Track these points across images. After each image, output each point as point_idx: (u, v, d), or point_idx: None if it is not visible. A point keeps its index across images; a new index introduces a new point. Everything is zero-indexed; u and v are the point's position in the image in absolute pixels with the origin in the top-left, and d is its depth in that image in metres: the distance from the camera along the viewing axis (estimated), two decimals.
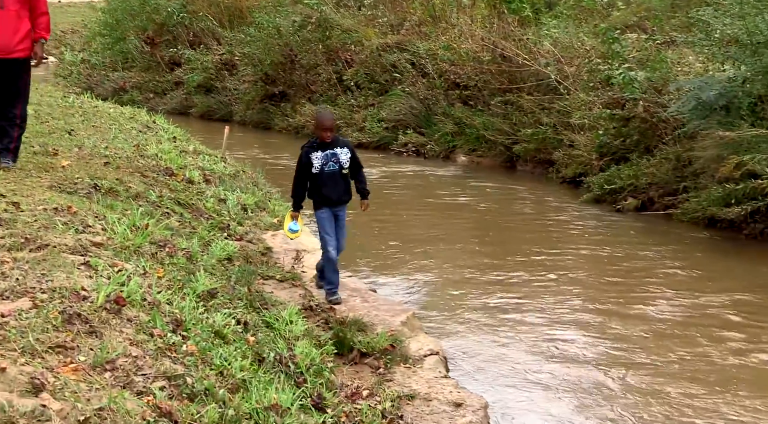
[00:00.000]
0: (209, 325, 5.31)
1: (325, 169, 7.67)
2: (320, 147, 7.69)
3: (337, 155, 7.73)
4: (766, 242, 12.28)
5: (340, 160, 7.73)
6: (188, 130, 17.53)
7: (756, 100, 12.96)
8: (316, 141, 7.75)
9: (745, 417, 6.72)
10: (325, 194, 7.75)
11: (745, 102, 12.85)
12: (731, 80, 13.10)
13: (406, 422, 5.68)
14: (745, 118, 12.73)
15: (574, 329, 8.75)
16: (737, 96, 12.94)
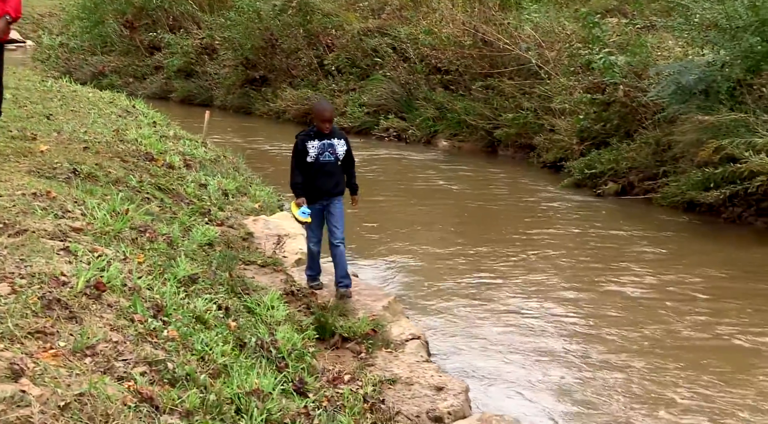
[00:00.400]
0: (190, 310, 5.30)
1: (320, 159, 7.45)
2: (317, 136, 7.48)
3: (334, 146, 7.51)
4: (745, 225, 12.40)
5: (337, 152, 7.52)
6: (168, 114, 17.44)
7: (735, 85, 13.03)
8: (313, 129, 7.55)
9: (708, 390, 6.85)
10: (317, 185, 7.51)
11: (724, 86, 12.91)
12: (710, 65, 13.17)
13: (387, 406, 5.69)
14: (724, 103, 12.80)
15: (552, 309, 8.82)
16: (716, 80, 13.00)
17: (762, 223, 12.26)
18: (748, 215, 12.52)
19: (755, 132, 11.71)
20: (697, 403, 6.64)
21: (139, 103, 17.22)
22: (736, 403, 6.63)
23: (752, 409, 6.52)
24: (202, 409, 3.93)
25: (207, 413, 3.91)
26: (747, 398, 6.69)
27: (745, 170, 11.34)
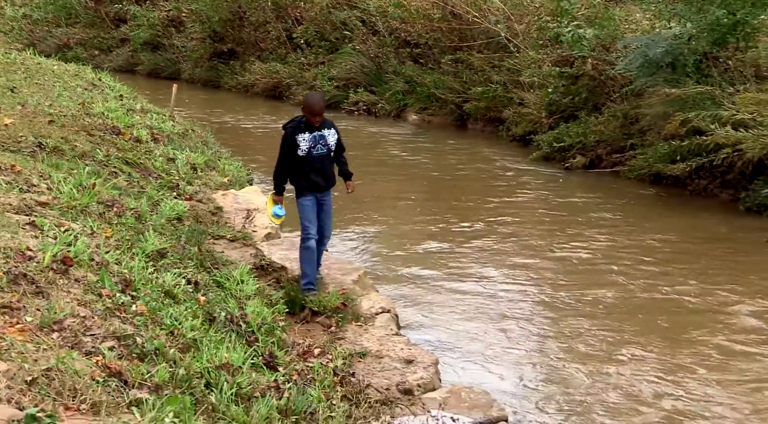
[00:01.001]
0: (159, 285, 5.27)
1: (313, 152, 6.99)
2: (308, 128, 6.99)
3: (325, 138, 7.06)
4: (710, 197, 12.55)
5: (329, 143, 7.09)
6: (135, 88, 17.26)
7: (701, 58, 13.13)
8: (302, 121, 7.01)
9: (658, 348, 7.09)
10: (312, 180, 7.09)
11: (691, 59, 13.01)
12: (677, 38, 13.25)
13: (357, 379, 5.71)
14: (691, 76, 12.90)
15: (519, 278, 8.95)
16: (683, 53, 13.09)
17: (727, 195, 12.41)
18: (713, 187, 12.68)
19: (721, 105, 11.83)
20: (648, 361, 6.86)
21: (105, 77, 17.01)
22: (682, 360, 6.87)
23: (699, 365, 6.74)
24: (172, 383, 3.92)
25: (176, 387, 3.91)
26: (694, 355, 6.94)
27: (710, 143, 11.46)
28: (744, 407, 6.07)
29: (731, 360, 6.87)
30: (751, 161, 11.31)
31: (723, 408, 6.07)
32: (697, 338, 7.30)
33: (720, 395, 6.29)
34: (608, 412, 5.99)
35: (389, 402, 5.64)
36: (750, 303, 8.17)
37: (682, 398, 6.25)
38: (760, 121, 11.04)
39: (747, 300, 8.23)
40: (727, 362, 6.83)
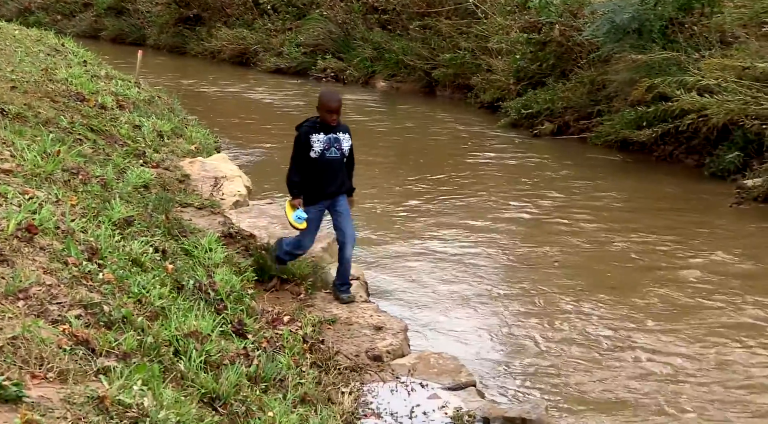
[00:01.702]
0: (126, 253, 5.23)
1: (326, 154, 6.47)
2: (323, 129, 6.50)
3: (340, 141, 6.56)
4: (675, 163, 12.68)
5: (343, 147, 6.58)
6: (99, 54, 16.98)
7: (667, 23, 13.19)
8: (317, 121, 6.53)
9: (604, 300, 7.41)
10: (322, 185, 6.55)
11: (657, 25, 13.06)
12: (643, 3, 13.27)
13: (327, 346, 5.74)
14: (657, 41, 12.96)
15: (483, 245, 9.04)
16: (649, 19, 13.13)
17: (692, 160, 12.55)
18: (678, 153, 12.80)
19: (686, 70, 11.90)
20: (594, 312, 7.18)
21: (68, 42, 16.72)
22: (623, 311, 7.19)
23: (642, 315, 6.99)
24: (140, 351, 3.91)
25: (144, 355, 3.89)
26: (635, 308, 7.25)
27: (676, 109, 11.55)
28: (701, 358, 6.23)
29: (681, 312, 7.10)
30: (715, 127, 11.42)
31: (684, 360, 6.23)
32: (641, 291, 7.59)
33: (678, 346, 6.49)
34: (573, 369, 6.08)
35: (358, 368, 5.68)
36: (703, 258, 8.50)
37: (640, 350, 6.41)
38: (725, 87, 11.13)
39: (701, 255, 8.56)
40: (678, 314, 7.08)
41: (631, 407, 5.56)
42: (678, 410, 5.53)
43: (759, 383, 5.92)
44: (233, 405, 4.02)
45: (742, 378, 6.00)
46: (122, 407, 3.13)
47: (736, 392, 5.80)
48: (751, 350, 6.45)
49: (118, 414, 3.07)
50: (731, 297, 7.47)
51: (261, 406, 4.21)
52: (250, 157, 13.33)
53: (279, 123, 16.76)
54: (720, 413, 5.53)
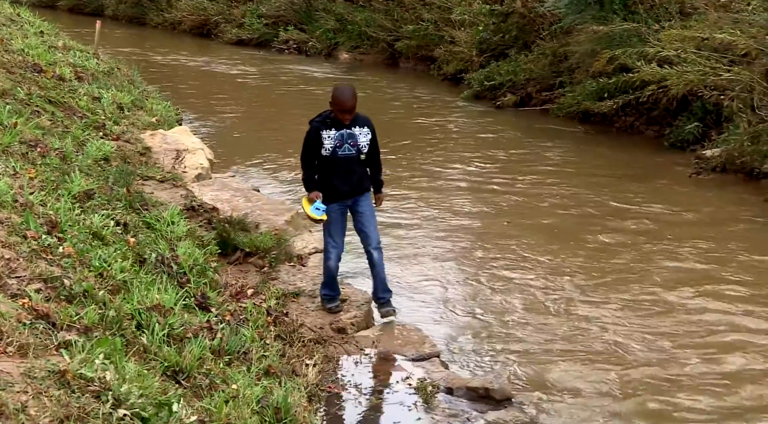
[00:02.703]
0: (86, 226, 5.17)
1: (338, 152, 5.92)
2: (335, 124, 5.93)
3: (355, 137, 5.97)
4: (636, 134, 12.81)
5: (359, 143, 5.97)
6: (56, 24, 16.64)
7: None
8: (330, 115, 5.98)
9: (554, 254, 7.79)
10: (334, 185, 5.99)
11: None
12: None
13: (291, 318, 5.74)
14: (618, 12, 13.01)
15: (444, 215, 9.13)
16: None
17: (652, 131, 12.67)
18: (639, 124, 12.92)
19: (647, 42, 11.97)
20: (546, 264, 7.59)
21: (24, 11, 16.35)
22: (571, 263, 7.58)
23: (591, 264, 7.15)
24: (102, 325, 3.88)
25: (106, 329, 3.86)
26: (578, 258, 7.70)
27: (636, 80, 11.62)
28: (656, 315, 6.40)
29: (638, 278, 7.32)
30: (675, 98, 11.52)
31: (639, 316, 6.46)
32: (589, 245, 7.96)
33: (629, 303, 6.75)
34: (534, 338, 6.15)
35: (323, 341, 5.69)
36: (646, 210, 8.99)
37: (597, 316, 6.53)
38: (684, 58, 11.21)
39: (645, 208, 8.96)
40: (635, 278, 7.32)
41: (590, 372, 5.64)
42: (633, 360, 5.64)
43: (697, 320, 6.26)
44: (197, 378, 4.01)
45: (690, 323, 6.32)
46: (84, 380, 3.11)
47: (684, 333, 6.15)
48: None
49: (80, 388, 3.05)
50: (676, 248, 7.88)
51: (225, 378, 4.21)
52: (213, 130, 13.23)
53: (241, 95, 16.64)
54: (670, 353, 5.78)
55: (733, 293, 6.99)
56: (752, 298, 6.88)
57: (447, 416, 4.93)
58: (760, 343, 6.09)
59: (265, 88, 17.53)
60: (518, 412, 5.02)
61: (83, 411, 2.89)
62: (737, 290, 7.06)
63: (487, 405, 5.07)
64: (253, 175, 10.60)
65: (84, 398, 2.99)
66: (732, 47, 10.91)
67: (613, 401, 5.29)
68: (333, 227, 6.04)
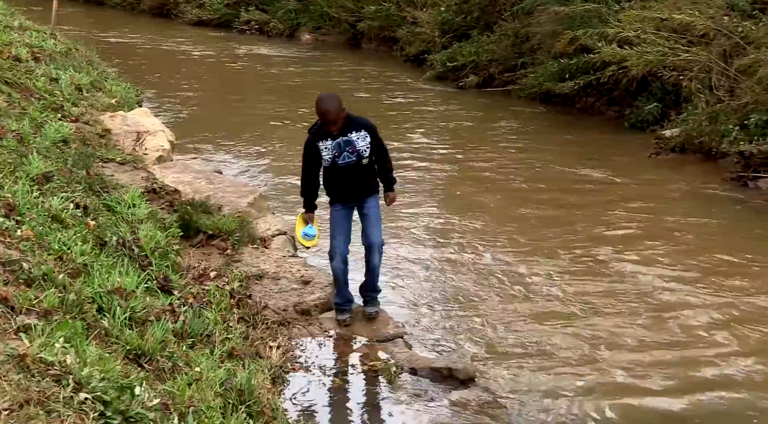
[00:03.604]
0: (45, 209, 5.09)
1: (338, 162, 5.72)
2: (329, 134, 5.71)
3: (352, 143, 5.71)
4: (597, 114, 12.92)
5: (358, 149, 5.71)
6: (11, 3, 16.31)
7: None
8: (322, 125, 5.80)
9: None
10: (340, 192, 5.87)
11: None
12: None
13: (254, 301, 5.72)
14: None
15: (406, 197, 9.09)
16: None
17: (613, 112, 12.79)
18: (600, 105, 13.03)
19: (607, 22, 12.04)
20: (508, 244, 7.75)
21: None
22: (533, 244, 7.79)
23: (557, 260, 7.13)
24: (62, 308, 3.83)
25: (67, 313, 3.82)
26: (539, 239, 7.81)
27: (597, 60, 11.71)
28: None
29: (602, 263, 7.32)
30: (635, 78, 11.63)
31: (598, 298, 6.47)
32: (567, 238, 7.78)
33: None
34: (496, 318, 6.20)
35: (287, 323, 5.69)
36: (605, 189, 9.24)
37: (555, 293, 6.58)
38: (644, 39, 11.31)
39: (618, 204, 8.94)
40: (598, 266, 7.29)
41: (549, 353, 5.71)
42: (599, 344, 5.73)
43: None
44: (159, 361, 3.98)
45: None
46: (44, 364, 3.07)
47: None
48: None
49: (40, 372, 3.01)
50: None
51: (188, 361, 4.18)
52: (174, 112, 13.10)
53: (203, 77, 16.48)
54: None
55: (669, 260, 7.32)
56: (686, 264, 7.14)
57: (410, 396, 4.96)
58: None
59: (226, 69, 17.38)
60: (481, 391, 5.07)
61: (43, 395, 2.86)
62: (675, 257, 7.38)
63: (451, 385, 5.12)
64: (215, 157, 10.52)
65: (44, 382, 2.95)
66: (690, 28, 11.03)
67: (574, 378, 5.35)
68: (336, 227, 5.88)
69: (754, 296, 6.64)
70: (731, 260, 7.39)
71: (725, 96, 10.44)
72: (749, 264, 7.32)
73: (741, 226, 8.35)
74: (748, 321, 6.19)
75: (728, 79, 10.63)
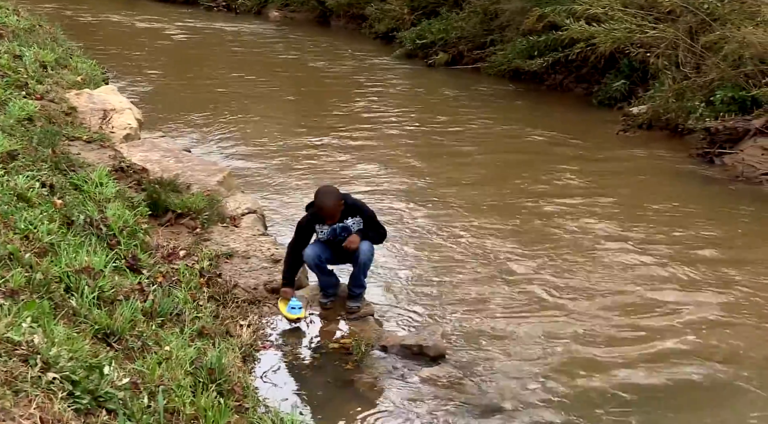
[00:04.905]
0: (10, 188, 5.03)
1: (333, 241, 5.75)
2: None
3: (349, 229, 5.69)
4: (565, 92, 12.98)
5: (353, 232, 5.72)
6: None
7: None
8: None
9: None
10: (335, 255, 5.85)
11: None
12: None
13: (224, 280, 5.70)
14: None
15: (378, 175, 9.19)
16: None
17: (581, 89, 12.85)
18: (568, 82, 13.09)
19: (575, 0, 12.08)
20: (476, 223, 7.71)
21: None
22: (500, 221, 7.84)
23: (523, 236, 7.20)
24: (29, 288, 3.79)
25: (34, 292, 3.78)
26: (506, 216, 7.52)
27: (566, 38, 11.74)
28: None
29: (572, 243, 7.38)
30: (603, 55, 11.69)
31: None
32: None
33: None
34: (466, 295, 6.23)
35: (257, 301, 5.68)
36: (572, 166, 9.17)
37: (523, 273, 6.67)
38: (612, 15, 11.35)
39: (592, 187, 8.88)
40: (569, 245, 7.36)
41: (519, 330, 5.76)
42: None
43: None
44: (128, 340, 3.97)
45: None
46: (11, 344, 3.05)
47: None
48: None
49: (7, 352, 2.99)
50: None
51: (157, 340, 4.17)
52: (140, 89, 12.96)
53: (169, 54, 16.31)
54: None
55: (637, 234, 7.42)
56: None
57: (381, 373, 4.99)
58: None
59: (193, 46, 17.22)
60: (452, 368, 5.10)
61: (11, 375, 2.84)
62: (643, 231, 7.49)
63: (421, 362, 5.14)
64: (183, 135, 10.44)
65: (11, 362, 2.93)
66: (657, 5, 11.09)
67: (544, 353, 5.41)
68: (320, 246, 5.77)
69: (717, 265, 6.78)
70: (698, 234, 7.50)
71: (691, 73, 10.52)
72: (716, 237, 7.44)
73: (705, 201, 8.46)
74: (709, 289, 6.35)
75: (694, 56, 10.72)
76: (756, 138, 9.43)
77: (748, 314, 5.99)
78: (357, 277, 5.81)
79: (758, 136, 9.41)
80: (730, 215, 8.09)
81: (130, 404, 3.14)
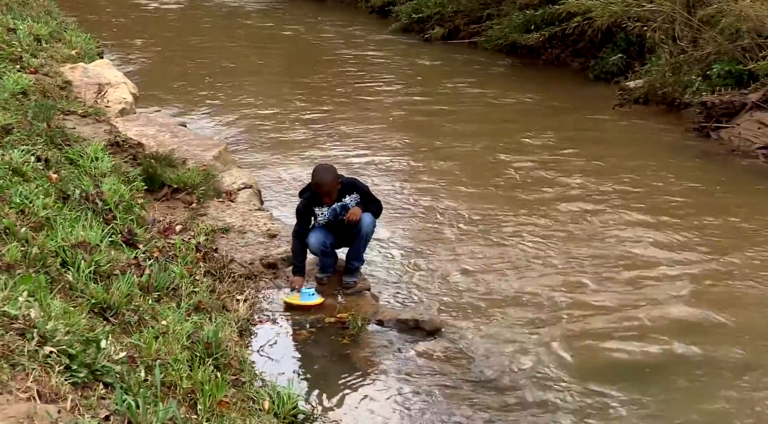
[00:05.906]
0: (5, 162, 5.01)
1: (333, 222, 5.74)
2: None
3: (348, 207, 5.69)
4: (562, 66, 12.93)
5: (351, 209, 5.72)
6: None
7: None
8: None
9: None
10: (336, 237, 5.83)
11: None
12: None
13: (221, 254, 5.70)
14: None
15: (373, 151, 9.17)
16: None
17: (578, 63, 12.81)
18: (565, 56, 13.04)
19: None
20: (472, 195, 7.41)
21: None
22: (495, 192, 7.91)
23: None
24: (25, 262, 3.79)
25: (30, 266, 3.78)
26: (501, 188, 7.57)
27: (563, 11, 11.68)
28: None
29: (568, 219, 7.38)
30: (600, 29, 11.63)
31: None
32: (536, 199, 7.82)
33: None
34: (463, 270, 6.24)
35: (253, 276, 5.69)
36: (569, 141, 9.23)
37: (522, 247, 6.63)
38: None
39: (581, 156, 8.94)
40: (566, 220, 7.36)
41: (515, 303, 5.78)
42: None
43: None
44: (125, 315, 3.97)
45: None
46: (8, 318, 3.05)
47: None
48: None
49: (4, 326, 2.99)
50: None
51: (154, 315, 4.18)
52: (136, 63, 12.90)
53: (165, 28, 16.22)
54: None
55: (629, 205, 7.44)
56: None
57: (377, 347, 5.01)
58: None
59: (189, 19, 17.12)
60: (448, 343, 5.12)
61: (8, 349, 2.85)
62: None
63: (418, 336, 5.16)
64: (179, 109, 10.40)
65: (8, 335, 2.93)
66: None
67: (538, 327, 5.42)
68: (322, 231, 5.73)
69: (710, 236, 6.83)
70: (696, 203, 7.56)
71: (688, 47, 10.49)
72: (712, 209, 7.47)
73: (701, 174, 8.46)
74: (701, 262, 6.37)
75: (691, 30, 10.68)
76: (752, 112, 9.41)
77: (740, 283, 6.04)
78: (357, 250, 5.79)
79: (754, 110, 9.40)
80: (726, 188, 8.10)
81: (127, 378, 3.15)
